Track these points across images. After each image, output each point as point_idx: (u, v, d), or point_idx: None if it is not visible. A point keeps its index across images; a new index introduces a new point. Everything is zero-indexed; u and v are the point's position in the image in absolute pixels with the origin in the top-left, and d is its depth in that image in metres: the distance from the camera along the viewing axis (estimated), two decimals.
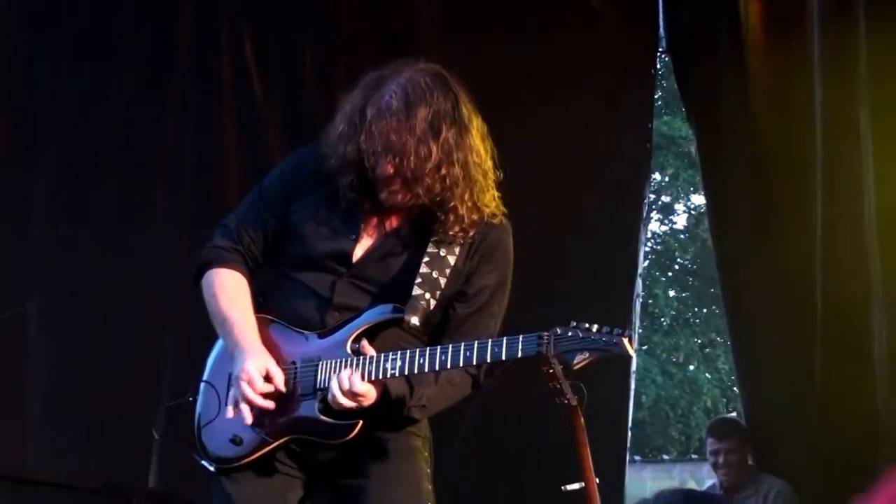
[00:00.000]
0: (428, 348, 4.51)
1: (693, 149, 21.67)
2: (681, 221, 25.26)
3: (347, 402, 4.48)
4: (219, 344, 4.89)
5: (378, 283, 4.73)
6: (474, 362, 4.45)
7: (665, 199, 24.15)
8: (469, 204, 4.68)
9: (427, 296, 4.65)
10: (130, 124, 8.07)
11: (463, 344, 4.44)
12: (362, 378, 4.50)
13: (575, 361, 4.35)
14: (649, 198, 9.84)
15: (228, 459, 4.78)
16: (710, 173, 9.63)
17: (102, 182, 7.91)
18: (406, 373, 4.51)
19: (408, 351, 4.52)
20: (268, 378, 4.60)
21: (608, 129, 9.22)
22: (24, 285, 7.64)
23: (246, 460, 4.75)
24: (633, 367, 9.87)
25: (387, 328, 4.67)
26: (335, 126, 4.68)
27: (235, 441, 4.73)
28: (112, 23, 8.20)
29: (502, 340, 4.40)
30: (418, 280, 4.65)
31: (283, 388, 4.61)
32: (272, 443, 4.71)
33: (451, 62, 4.91)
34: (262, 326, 4.79)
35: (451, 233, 4.70)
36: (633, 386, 9.81)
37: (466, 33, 8.43)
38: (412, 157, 4.55)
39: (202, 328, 4.88)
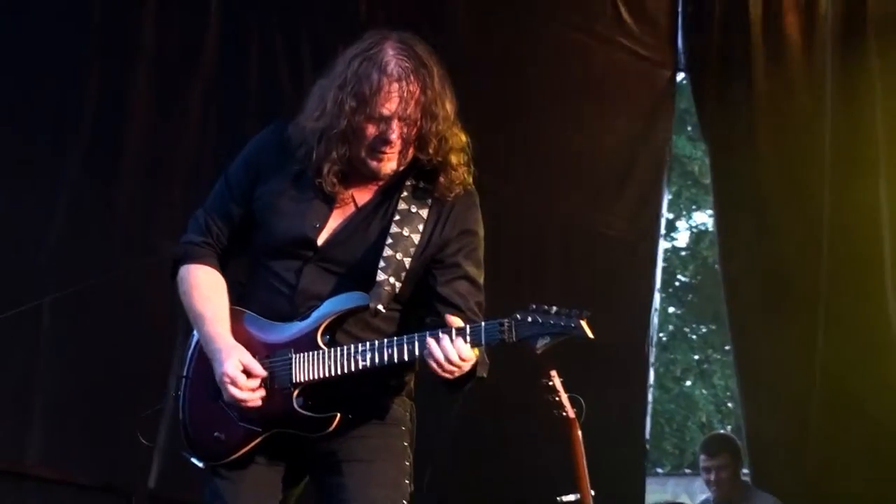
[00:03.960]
0: (396, 339, 4.49)
1: (697, 168, 21.69)
2: (682, 239, 25.28)
3: (452, 373, 4.41)
4: (195, 336, 4.87)
5: (344, 265, 4.70)
6: (441, 346, 4.39)
7: (668, 216, 24.14)
8: (454, 162, 4.67)
9: (392, 280, 4.62)
10: (152, 125, 8.02)
11: (439, 331, 4.40)
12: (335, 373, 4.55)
13: (537, 347, 4.35)
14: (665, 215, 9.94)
15: (216, 454, 4.78)
16: (721, 192, 9.68)
17: (123, 181, 7.87)
18: (377, 364, 4.49)
19: (377, 342, 4.51)
20: (247, 372, 4.59)
21: (631, 144, 9.28)
22: (41, 280, 7.59)
23: (234, 456, 4.74)
24: (651, 379, 9.91)
25: (357, 314, 4.65)
26: (315, 108, 4.62)
27: (219, 437, 4.74)
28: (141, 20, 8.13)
29: (466, 330, 4.38)
30: (382, 264, 4.62)
31: (264, 373, 4.60)
32: (256, 438, 4.71)
33: (482, 77, 4.90)
34: (236, 319, 4.77)
35: (444, 189, 4.69)
36: (650, 399, 9.87)
37: (499, 52, 8.40)
38: (434, 116, 4.56)
39: None
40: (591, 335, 4.32)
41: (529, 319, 4.35)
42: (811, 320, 8.71)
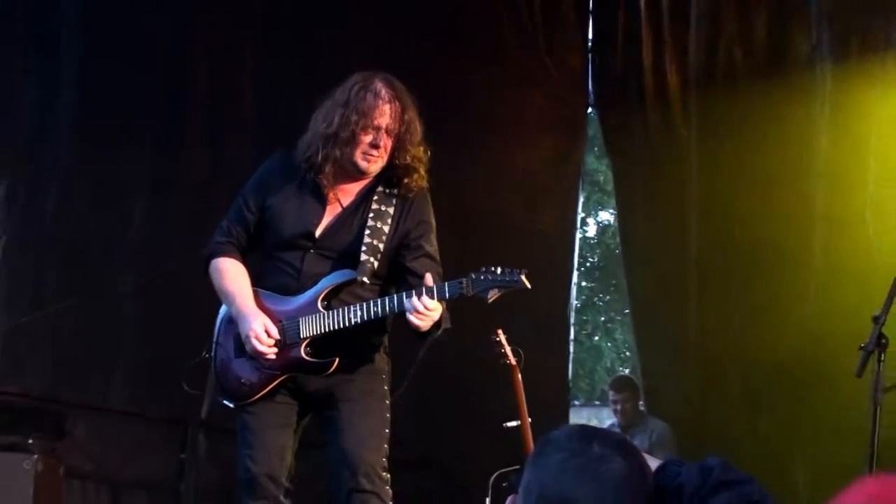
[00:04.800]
0: (380, 299, 4.67)
1: (602, 178, 21.64)
2: (591, 231, 25.26)
3: (425, 322, 4.54)
4: (222, 311, 5.02)
5: (336, 251, 4.84)
6: (417, 300, 4.52)
7: (581, 214, 24.15)
8: (419, 169, 4.85)
9: (371, 260, 4.77)
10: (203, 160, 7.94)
11: (413, 290, 4.55)
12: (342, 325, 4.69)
13: (489, 297, 4.48)
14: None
15: (243, 396, 4.89)
16: (621, 195, 9.78)
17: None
18: (366, 319, 4.65)
19: (365, 303, 4.66)
20: (267, 332, 4.75)
21: (553, 159, 9.28)
22: (123, 270, 7.64)
23: (256, 396, 4.86)
24: (572, 335, 10.07)
25: (348, 286, 4.79)
26: (323, 120, 4.79)
27: (245, 382, 4.87)
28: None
29: (433, 287, 4.51)
30: (363, 248, 4.76)
31: (279, 337, 4.75)
32: (274, 380, 4.84)
33: (437, 109, 4.94)
34: (255, 297, 4.89)
35: (406, 189, 4.85)
36: (571, 350, 10.14)
37: (453, 90, 8.32)
38: (411, 131, 4.76)
39: None
40: (528, 285, 4.46)
41: (482, 277, 4.47)
42: (689, 289, 8.69)
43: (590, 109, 9.63)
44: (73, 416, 6.92)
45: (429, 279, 4.56)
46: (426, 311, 4.51)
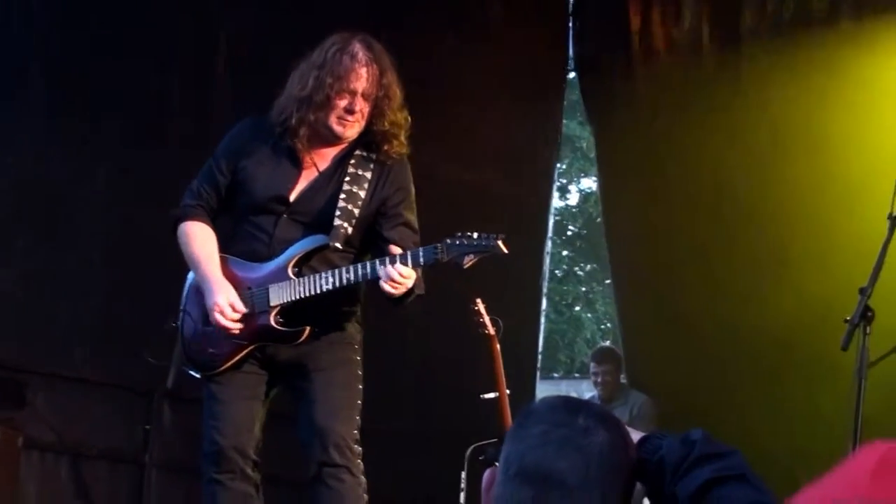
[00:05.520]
0: (353, 266, 4.63)
1: (584, 144, 21.69)
2: (573, 199, 25.37)
3: (399, 289, 4.51)
4: (190, 277, 4.99)
5: (309, 215, 4.79)
6: (390, 266, 4.49)
7: (562, 181, 24.21)
8: (399, 136, 4.80)
9: (345, 225, 4.71)
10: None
11: (387, 258, 4.51)
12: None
13: (464, 263, 4.44)
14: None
15: (210, 366, 4.87)
16: (603, 163, 9.76)
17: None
18: (338, 286, 4.61)
19: (338, 270, 4.63)
20: (231, 306, 4.71)
21: (531, 127, 9.21)
22: (91, 233, 7.49)
23: (224, 366, 4.83)
24: (544, 306, 10.23)
25: (320, 251, 4.74)
26: (298, 83, 4.74)
27: (213, 352, 4.83)
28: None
29: (408, 254, 4.49)
30: (338, 213, 4.71)
31: (245, 310, 4.72)
32: (242, 350, 4.81)
33: (415, 77, 4.91)
34: (223, 263, 4.86)
35: (384, 156, 4.80)
36: (542, 322, 10.18)
37: (428, 58, 8.23)
38: (390, 97, 4.71)
39: None
40: (505, 251, 4.43)
41: (458, 242, 4.43)
42: (672, 261, 8.73)
43: (572, 74, 9.61)
44: (33, 385, 6.88)
45: (395, 249, 4.53)
46: (400, 278, 4.47)
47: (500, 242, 4.43)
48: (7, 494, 6.18)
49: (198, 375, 4.94)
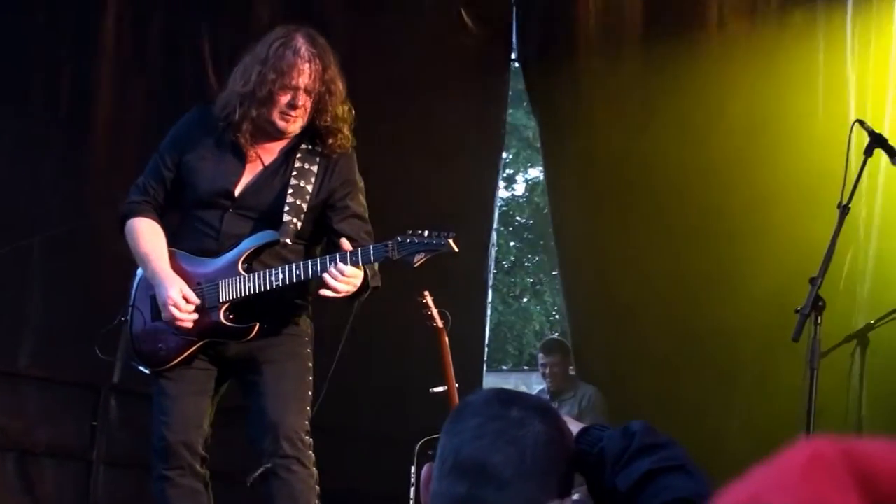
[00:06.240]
0: (303, 262, 4.67)
1: (531, 134, 21.69)
2: (520, 189, 25.34)
3: (344, 286, 4.59)
4: (139, 273, 5.02)
5: (257, 211, 4.85)
6: (340, 264, 4.56)
7: (509, 171, 24.20)
8: (343, 130, 4.87)
9: (294, 220, 4.78)
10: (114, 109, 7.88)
11: (338, 254, 4.57)
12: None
13: (414, 261, 4.50)
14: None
15: (159, 362, 4.91)
16: (549, 153, 9.75)
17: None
18: (287, 282, 4.67)
19: (288, 266, 4.68)
20: (185, 298, 4.76)
21: (474, 118, 9.26)
22: (34, 224, 7.54)
23: (174, 362, 4.88)
24: (490, 298, 10.09)
25: (269, 248, 4.81)
26: (240, 78, 4.79)
27: (162, 348, 4.88)
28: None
29: (358, 251, 4.56)
30: (286, 209, 4.77)
31: (198, 302, 4.78)
32: (191, 346, 4.87)
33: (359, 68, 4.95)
34: (172, 258, 4.90)
35: (330, 149, 4.87)
36: (489, 313, 10.12)
37: (370, 48, 8.25)
38: (332, 92, 4.77)
39: None
40: (456, 249, 4.50)
41: (408, 240, 4.48)
42: (620, 251, 8.77)
43: (516, 64, 9.66)
44: None
45: (345, 244, 4.60)
46: (343, 277, 4.56)
47: (450, 241, 4.50)
48: None
49: (147, 371, 4.98)
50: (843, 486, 0.99)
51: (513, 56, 9.63)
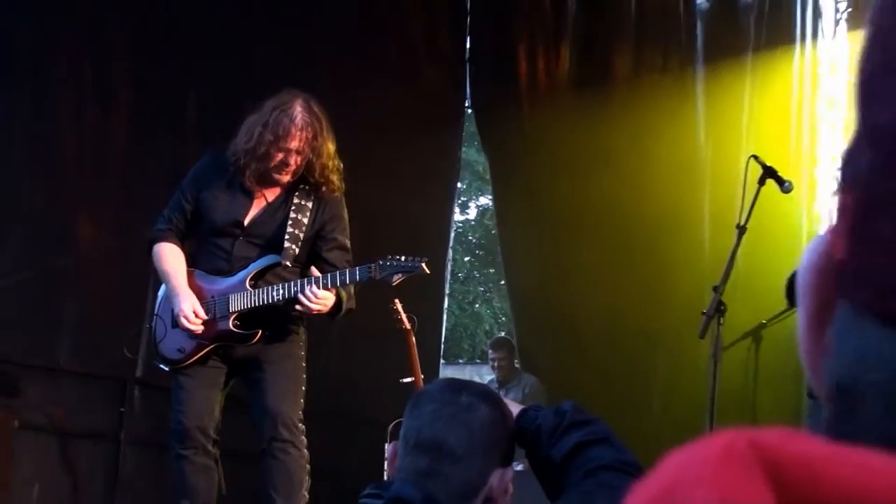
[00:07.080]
0: (300, 279, 4.74)
1: (481, 168, 21.73)
2: (472, 214, 25.39)
3: (316, 306, 4.69)
4: (162, 289, 5.09)
5: (263, 238, 4.92)
6: (330, 286, 4.66)
7: (463, 198, 24.25)
8: (332, 180, 4.91)
9: (293, 247, 4.86)
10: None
11: (329, 274, 4.66)
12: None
13: (393, 280, 4.62)
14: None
15: (178, 361, 4.98)
16: (497, 183, 9.84)
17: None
18: (285, 297, 4.74)
19: (287, 282, 4.75)
20: (195, 313, 4.85)
21: (435, 155, 9.33)
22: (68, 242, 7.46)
23: (189, 361, 4.95)
24: (445, 304, 10.12)
25: (272, 269, 4.88)
26: (245, 135, 4.83)
27: (180, 350, 4.95)
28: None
29: (346, 272, 4.66)
30: (287, 237, 4.84)
31: (206, 317, 4.86)
32: (205, 348, 4.94)
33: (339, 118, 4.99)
34: (191, 276, 4.98)
35: (323, 195, 4.91)
36: (445, 317, 10.18)
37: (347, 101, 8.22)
38: (320, 155, 4.82)
39: None
40: (427, 271, 4.63)
41: (388, 263, 4.59)
42: (555, 264, 8.81)
43: (469, 110, 9.71)
44: (25, 376, 6.87)
45: (314, 271, 4.71)
46: (315, 298, 4.66)
47: (423, 265, 4.63)
48: (5, 470, 6.21)
49: (166, 369, 5.05)
50: (753, 477, 0.93)
51: (467, 104, 9.70)
